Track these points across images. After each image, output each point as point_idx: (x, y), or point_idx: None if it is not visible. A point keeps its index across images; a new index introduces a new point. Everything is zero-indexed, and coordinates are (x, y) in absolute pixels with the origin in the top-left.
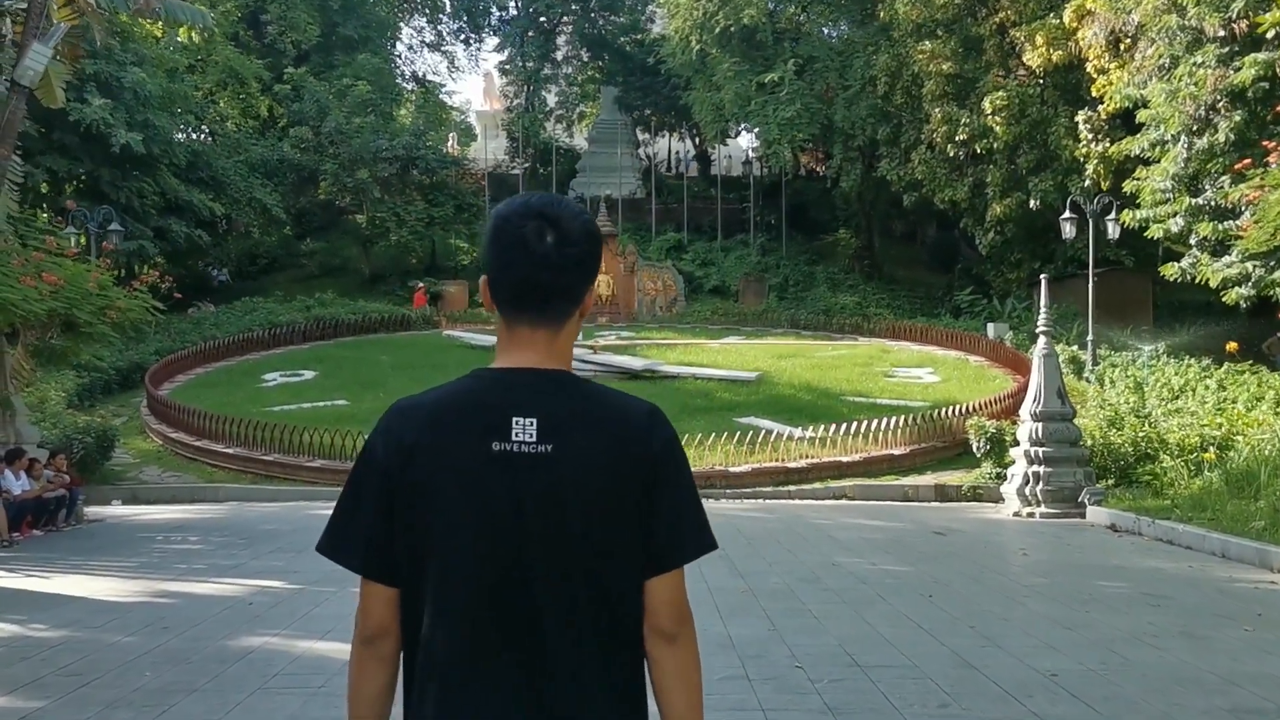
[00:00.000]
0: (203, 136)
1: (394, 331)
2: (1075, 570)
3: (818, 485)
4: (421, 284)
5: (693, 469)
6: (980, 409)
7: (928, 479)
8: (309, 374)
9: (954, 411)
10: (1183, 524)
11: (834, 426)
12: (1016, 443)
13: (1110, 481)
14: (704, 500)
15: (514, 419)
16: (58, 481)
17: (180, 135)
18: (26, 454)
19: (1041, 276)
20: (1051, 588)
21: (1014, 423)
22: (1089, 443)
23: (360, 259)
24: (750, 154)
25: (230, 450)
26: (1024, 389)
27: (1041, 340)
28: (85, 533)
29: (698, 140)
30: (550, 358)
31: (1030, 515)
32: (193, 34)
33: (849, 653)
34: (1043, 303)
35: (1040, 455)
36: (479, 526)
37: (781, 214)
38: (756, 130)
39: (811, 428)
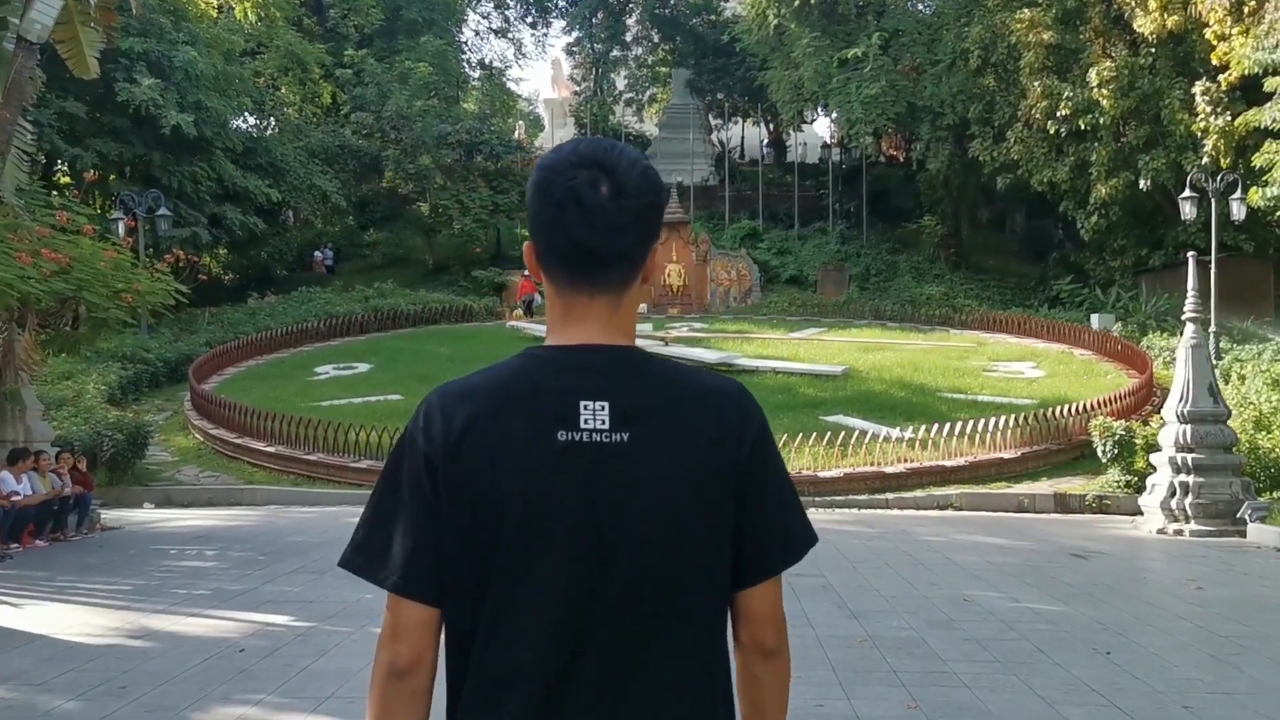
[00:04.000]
0: (267, 124)
1: (455, 322)
2: (1276, 612)
3: (919, 493)
4: (526, 273)
5: None
6: (1100, 407)
7: (1044, 486)
8: (363, 367)
9: (1069, 410)
10: None
11: (934, 427)
12: (1153, 447)
13: (1276, 493)
14: None
15: (582, 403)
16: (60, 486)
17: (241, 123)
18: (32, 454)
19: (1189, 255)
20: (1259, 641)
21: (1145, 423)
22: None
23: (424, 249)
24: (829, 138)
25: (271, 449)
26: (1146, 385)
27: (1189, 329)
28: (95, 544)
29: (772, 126)
30: (613, 331)
31: (1178, 533)
32: (249, 10)
33: None
34: (1190, 285)
35: (1189, 463)
36: (545, 530)
37: (862, 200)
38: (836, 111)
39: (910, 428)
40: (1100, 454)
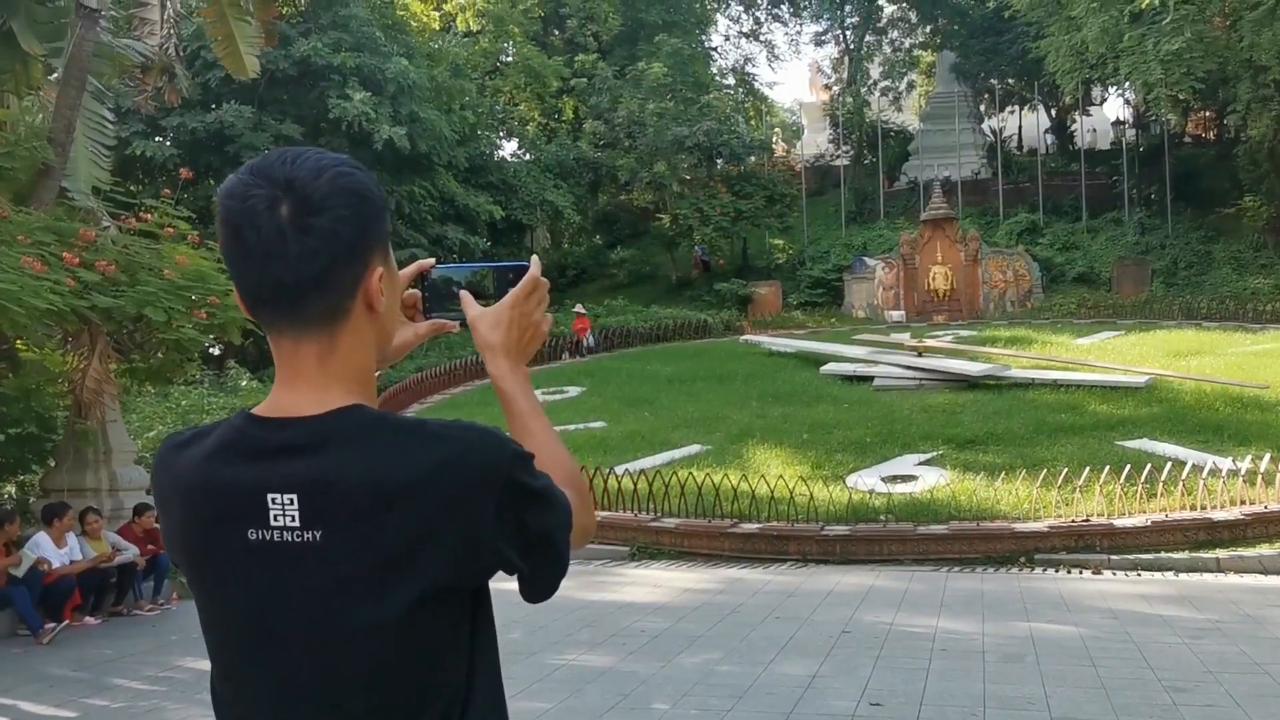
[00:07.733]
0: (509, 143)
1: (689, 339)
2: None
3: (1265, 549)
4: (581, 308)
5: (1059, 518)
6: None
7: None
8: (574, 390)
9: None
10: None
11: None
12: None
13: None
14: (1073, 571)
15: (269, 496)
16: (109, 551)
17: (498, 150)
18: (71, 510)
19: None
20: None
21: None
22: None
23: (669, 265)
24: (1122, 113)
25: None
26: None
27: None
28: (153, 621)
29: (1053, 110)
30: (328, 385)
31: None
32: (469, 20)
33: None
34: None
35: None
36: (243, 634)
37: (1164, 184)
38: (1128, 78)
39: (1248, 456)
40: None
